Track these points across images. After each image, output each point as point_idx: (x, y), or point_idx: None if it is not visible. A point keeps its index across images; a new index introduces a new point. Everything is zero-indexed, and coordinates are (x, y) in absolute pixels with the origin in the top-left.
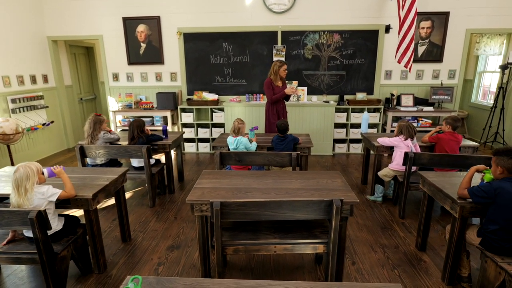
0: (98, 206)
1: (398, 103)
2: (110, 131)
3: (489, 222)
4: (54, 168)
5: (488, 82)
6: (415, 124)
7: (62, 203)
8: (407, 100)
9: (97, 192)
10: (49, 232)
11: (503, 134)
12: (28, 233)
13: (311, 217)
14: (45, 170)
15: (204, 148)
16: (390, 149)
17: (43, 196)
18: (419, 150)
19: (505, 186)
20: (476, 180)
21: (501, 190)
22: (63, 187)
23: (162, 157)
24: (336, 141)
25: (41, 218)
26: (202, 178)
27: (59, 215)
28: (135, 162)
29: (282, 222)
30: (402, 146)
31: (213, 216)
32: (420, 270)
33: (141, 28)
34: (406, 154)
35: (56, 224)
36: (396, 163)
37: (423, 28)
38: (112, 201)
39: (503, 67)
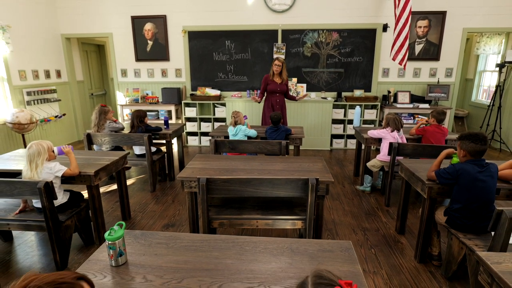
0: (103, 190)
1: (395, 100)
2: (115, 121)
3: (453, 201)
4: (64, 147)
5: (489, 81)
6: (411, 121)
7: (68, 179)
8: (403, 97)
9: (98, 170)
10: (56, 204)
11: (500, 132)
12: (37, 204)
13: (290, 195)
14: (55, 149)
15: (206, 141)
16: (379, 141)
17: (50, 171)
18: (405, 142)
19: (467, 168)
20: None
21: (463, 171)
22: (69, 166)
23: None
24: (334, 136)
25: (48, 188)
26: (194, 160)
27: (65, 190)
28: (137, 150)
29: (266, 201)
30: (389, 137)
31: (199, 191)
32: (396, 250)
33: (148, 26)
34: (390, 144)
35: (62, 197)
36: (383, 154)
37: (420, 27)
38: (116, 186)
39: (501, 66)
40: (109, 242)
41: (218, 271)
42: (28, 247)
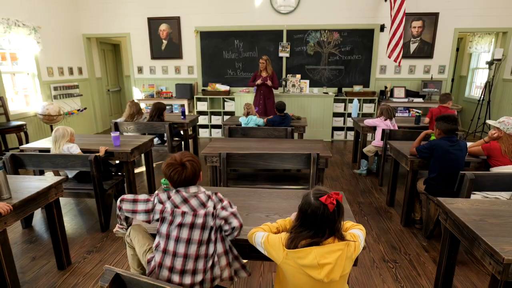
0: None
1: (392, 95)
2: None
3: (430, 171)
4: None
5: (481, 78)
6: (406, 114)
7: (107, 156)
8: (399, 92)
9: (133, 149)
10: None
11: (489, 125)
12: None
13: (296, 167)
14: (113, 135)
15: (217, 133)
16: (374, 129)
17: (68, 151)
18: (396, 129)
19: (440, 143)
20: None
21: (437, 146)
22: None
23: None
24: (335, 129)
25: (97, 161)
26: (213, 142)
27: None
28: (156, 139)
29: (275, 175)
30: (382, 125)
31: (220, 163)
32: (385, 217)
33: (163, 27)
34: (383, 130)
35: None
36: (377, 140)
37: (414, 27)
38: (140, 169)
39: (490, 63)
40: (165, 186)
41: (244, 207)
42: (73, 215)
